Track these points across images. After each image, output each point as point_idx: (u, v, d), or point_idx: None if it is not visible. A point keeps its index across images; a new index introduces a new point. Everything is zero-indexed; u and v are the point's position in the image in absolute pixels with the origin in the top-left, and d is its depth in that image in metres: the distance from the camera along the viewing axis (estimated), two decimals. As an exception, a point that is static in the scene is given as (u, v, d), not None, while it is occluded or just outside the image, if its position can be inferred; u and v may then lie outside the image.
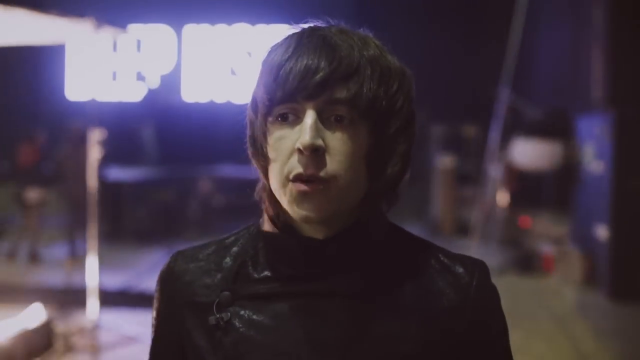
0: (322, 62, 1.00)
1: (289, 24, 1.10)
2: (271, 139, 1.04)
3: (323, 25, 1.09)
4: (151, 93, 13.50)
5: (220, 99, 13.65)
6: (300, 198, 1.02)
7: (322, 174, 1.00)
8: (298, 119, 1.02)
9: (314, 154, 1.00)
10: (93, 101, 6.57)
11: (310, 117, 1.01)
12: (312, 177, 1.00)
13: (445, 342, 1.07)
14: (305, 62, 1.01)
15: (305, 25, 1.09)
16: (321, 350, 1.04)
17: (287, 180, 1.02)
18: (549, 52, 12.00)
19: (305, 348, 1.04)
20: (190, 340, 1.11)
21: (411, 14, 14.00)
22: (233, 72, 13.49)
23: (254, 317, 1.07)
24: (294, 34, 1.07)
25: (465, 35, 13.96)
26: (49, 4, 7.53)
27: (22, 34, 5.69)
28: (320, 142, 1.00)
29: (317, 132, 1.00)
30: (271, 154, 1.05)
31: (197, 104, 13.84)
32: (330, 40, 1.03)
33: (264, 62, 1.06)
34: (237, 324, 1.07)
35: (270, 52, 1.06)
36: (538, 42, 12.12)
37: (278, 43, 1.07)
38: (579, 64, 9.87)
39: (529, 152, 8.85)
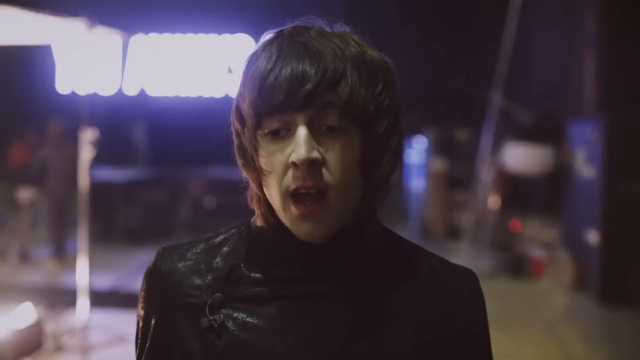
0: (308, 71, 0.97)
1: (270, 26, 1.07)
2: (264, 153, 1.02)
3: (302, 28, 1.05)
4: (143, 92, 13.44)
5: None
6: (301, 219, 1.01)
7: (320, 185, 0.99)
8: (290, 131, 1.00)
9: (311, 167, 0.98)
10: (88, 96, 6.49)
11: (302, 129, 0.98)
12: (311, 189, 0.99)
13: (435, 347, 1.07)
14: (290, 71, 0.98)
15: (284, 29, 1.05)
16: (316, 353, 1.03)
17: (286, 194, 1.00)
18: (541, 57, 12.03)
19: (300, 351, 1.03)
20: (181, 341, 1.09)
21: (404, 18, 14.01)
22: (230, 70, 13.37)
23: (248, 319, 1.05)
24: (272, 40, 1.03)
25: (458, 39, 13.99)
26: (41, 3, 7.49)
27: (13, 34, 5.65)
28: (316, 154, 0.98)
29: (311, 145, 0.98)
30: (266, 167, 1.02)
31: (192, 103, 13.75)
32: (311, 47, 1.00)
33: (245, 74, 1.03)
34: (230, 326, 1.05)
35: (250, 63, 1.03)
36: (530, 47, 12.15)
37: (257, 52, 1.03)
38: (570, 69, 9.90)
39: (521, 156, 8.87)
